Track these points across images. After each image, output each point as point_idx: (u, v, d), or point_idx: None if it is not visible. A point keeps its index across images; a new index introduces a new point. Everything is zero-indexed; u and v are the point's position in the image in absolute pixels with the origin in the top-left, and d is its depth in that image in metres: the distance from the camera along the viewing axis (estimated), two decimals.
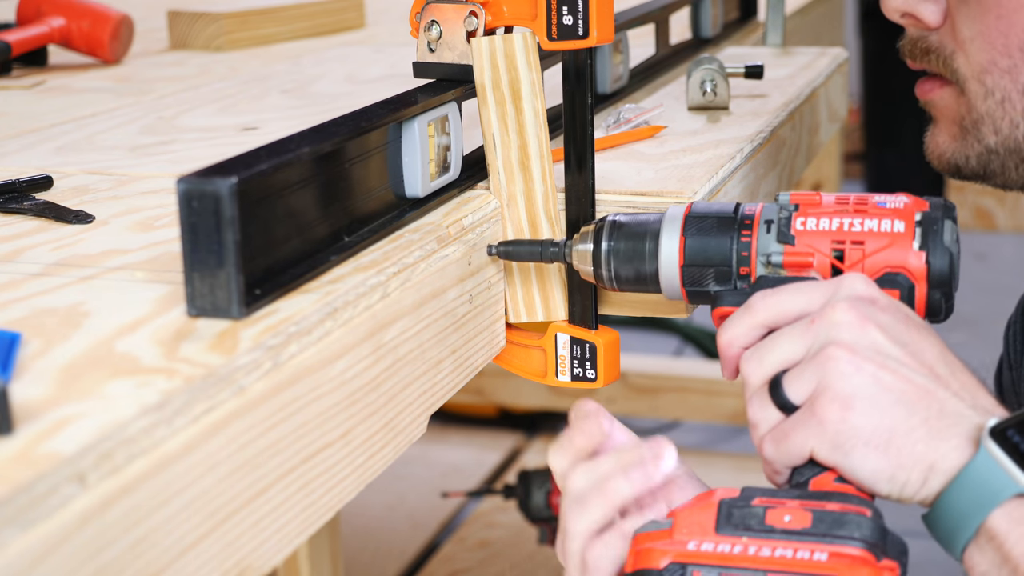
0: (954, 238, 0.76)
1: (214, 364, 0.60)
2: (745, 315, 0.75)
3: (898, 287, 0.75)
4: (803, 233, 0.77)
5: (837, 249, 0.76)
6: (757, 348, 0.74)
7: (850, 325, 0.70)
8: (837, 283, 0.73)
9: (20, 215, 0.86)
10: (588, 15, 0.83)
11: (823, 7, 1.98)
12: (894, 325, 0.71)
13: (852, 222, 0.76)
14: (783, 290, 0.75)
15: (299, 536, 0.66)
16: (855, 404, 0.69)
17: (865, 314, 0.71)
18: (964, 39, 0.88)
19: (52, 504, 0.50)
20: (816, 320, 0.72)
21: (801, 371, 0.71)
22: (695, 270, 0.79)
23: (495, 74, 0.85)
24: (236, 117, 1.18)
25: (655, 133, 1.05)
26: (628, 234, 0.81)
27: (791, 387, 0.72)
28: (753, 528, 0.67)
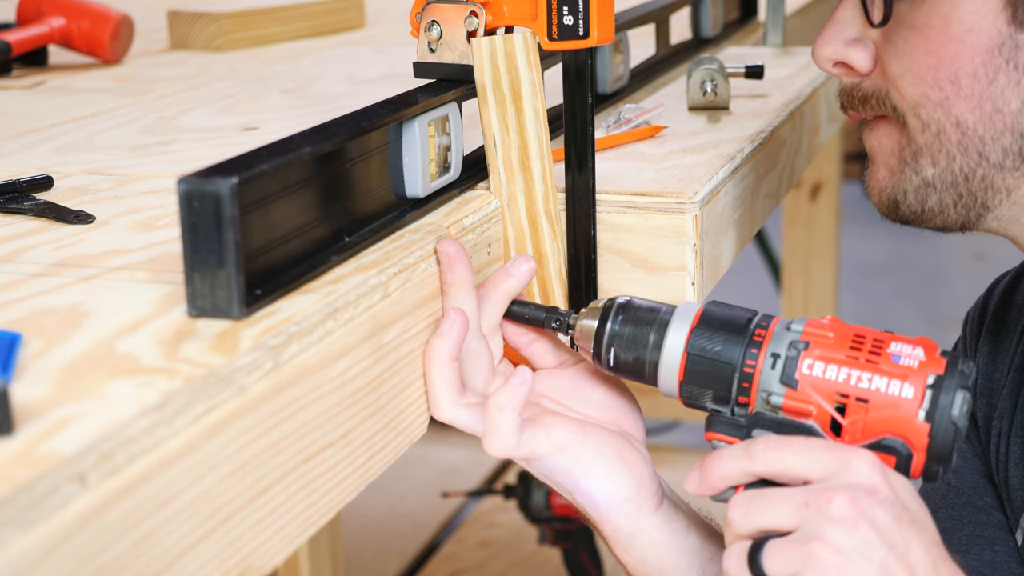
0: (964, 411, 0.73)
1: (215, 364, 0.60)
2: (744, 459, 0.74)
3: (896, 455, 0.73)
4: (808, 378, 0.74)
5: (840, 403, 0.74)
6: (748, 499, 0.73)
7: (843, 523, 0.70)
8: (846, 461, 0.72)
9: (20, 215, 0.86)
10: (588, 15, 0.83)
11: (823, 7, 1.98)
12: (888, 524, 0.70)
13: (860, 376, 0.73)
14: (789, 447, 0.73)
15: (300, 536, 0.66)
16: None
17: (862, 510, 0.70)
18: (895, 77, 0.87)
19: (53, 504, 0.49)
20: (812, 505, 0.71)
21: (784, 550, 0.71)
22: (693, 388, 0.77)
23: (495, 74, 0.85)
24: (236, 117, 1.18)
25: (655, 133, 1.05)
26: (635, 320, 0.79)
27: (771, 562, 0.71)
28: None
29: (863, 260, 3.86)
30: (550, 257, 0.88)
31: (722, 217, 0.95)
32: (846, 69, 0.91)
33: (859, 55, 0.90)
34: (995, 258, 4.01)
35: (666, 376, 0.78)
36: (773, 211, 1.16)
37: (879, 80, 0.89)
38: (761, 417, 0.75)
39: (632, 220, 0.89)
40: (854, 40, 0.90)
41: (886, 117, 0.90)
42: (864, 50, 0.89)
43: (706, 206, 0.90)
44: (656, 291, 0.89)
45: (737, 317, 0.77)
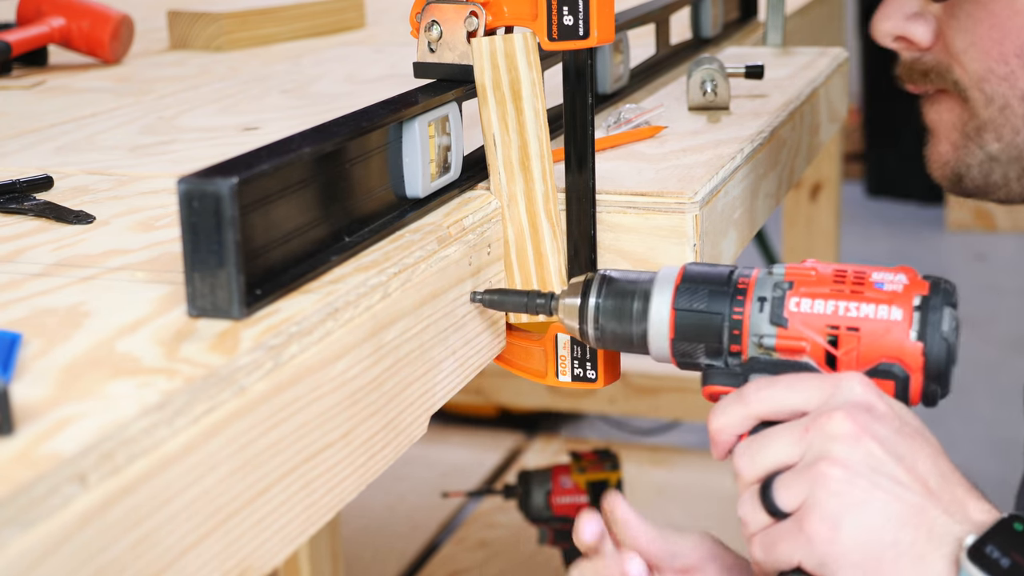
0: (953, 326, 0.73)
1: (215, 364, 0.60)
2: (738, 405, 0.74)
3: (893, 378, 0.73)
4: (796, 315, 0.75)
5: (831, 335, 0.74)
6: (749, 444, 0.73)
7: (845, 438, 0.70)
8: (836, 383, 0.72)
9: (20, 215, 0.86)
10: (588, 15, 0.83)
11: (823, 7, 1.98)
12: (890, 437, 0.70)
13: (848, 306, 0.74)
14: (778, 383, 0.73)
15: (300, 536, 0.66)
16: (844, 525, 0.69)
17: (862, 425, 0.70)
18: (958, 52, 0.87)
19: (53, 504, 0.49)
20: (811, 428, 0.71)
21: (793, 480, 0.71)
22: (685, 344, 0.77)
23: (495, 74, 0.85)
24: (236, 117, 1.18)
25: (655, 133, 1.05)
26: (617, 291, 0.80)
27: (781, 494, 0.71)
28: None
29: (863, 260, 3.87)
30: (550, 257, 0.88)
31: (722, 217, 0.95)
32: (906, 43, 0.92)
33: (920, 29, 0.90)
34: (995, 258, 4.01)
35: (656, 339, 0.78)
36: (773, 211, 1.16)
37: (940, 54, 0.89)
38: (756, 361, 0.76)
39: (632, 220, 0.89)
40: (914, 14, 0.90)
41: (947, 91, 0.90)
42: (925, 24, 0.89)
43: (706, 206, 0.90)
44: None
45: (719, 271, 0.78)
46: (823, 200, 2.31)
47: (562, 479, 1.89)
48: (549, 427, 2.77)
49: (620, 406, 2.58)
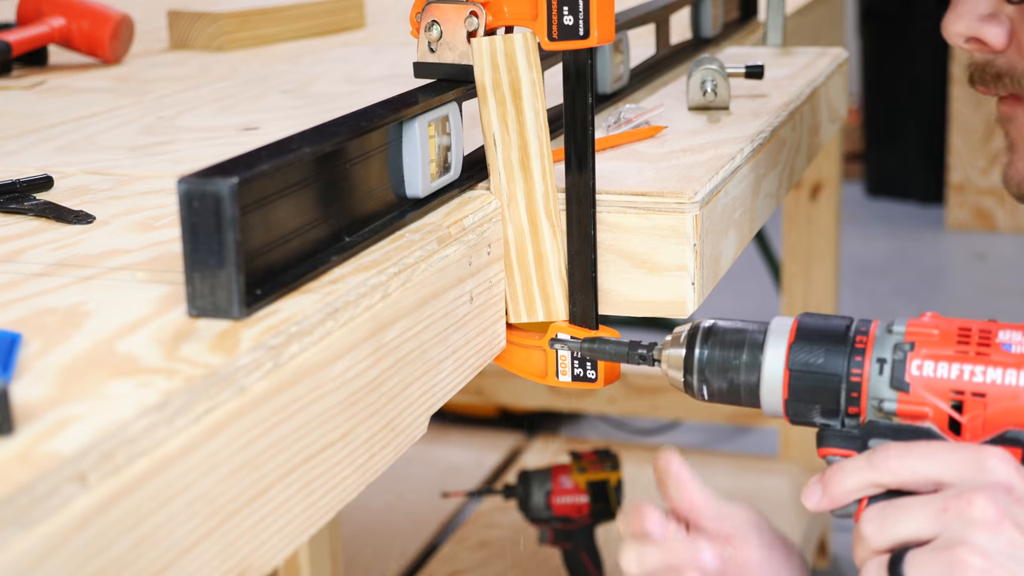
0: None
1: (215, 364, 0.60)
2: (868, 470, 0.72)
3: (1021, 446, 0.71)
4: (919, 379, 0.72)
5: (956, 400, 0.72)
6: (882, 511, 0.71)
7: (987, 525, 0.67)
8: (977, 459, 0.69)
9: (20, 215, 0.86)
10: (589, 15, 0.83)
11: (823, 7, 1.98)
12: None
13: (973, 370, 0.71)
14: (912, 453, 0.71)
15: (300, 536, 0.66)
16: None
17: (1004, 510, 0.68)
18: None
19: (53, 504, 0.49)
20: (951, 509, 0.68)
21: (927, 559, 0.68)
22: (800, 405, 0.75)
23: (496, 74, 0.85)
24: (236, 117, 1.18)
25: (655, 133, 1.05)
26: (725, 343, 0.77)
27: (914, 570, 0.68)
28: None
29: (863, 260, 3.86)
30: (550, 257, 0.88)
31: (722, 217, 0.95)
32: (979, 45, 0.90)
33: (994, 31, 0.88)
34: (995, 258, 4.01)
35: (769, 396, 0.76)
36: (773, 211, 1.16)
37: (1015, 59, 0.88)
38: (875, 426, 0.73)
39: (632, 220, 0.89)
40: (988, 16, 0.89)
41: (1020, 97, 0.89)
42: (999, 26, 0.88)
43: (706, 206, 0.90)
44: (656, 291, 0.89)
45: (835, 326, 0.75)
46: (823, 200, 2.31)
47: (562, 479, 1.89)
48: (549, 427, 2.77)
49: (620, 406, 2.58)
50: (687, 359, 0.78)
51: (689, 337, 0.79)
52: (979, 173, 4.24)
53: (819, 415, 0.75)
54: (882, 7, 4.44)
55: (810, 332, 0.75)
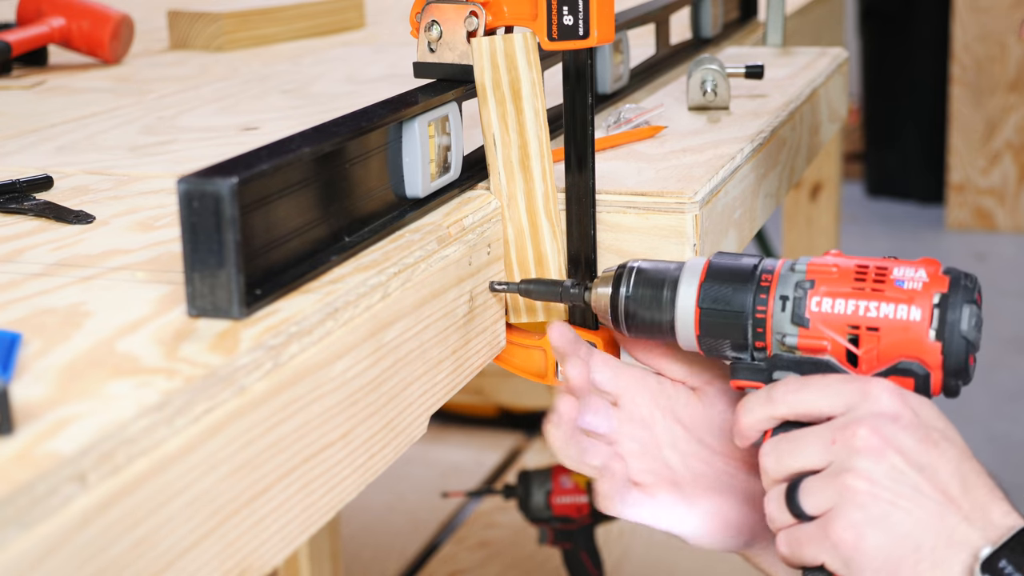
0: (973, 323, 0.74)
1: (214, 364, 0.60)
2: (767, 406, 0.76)
3: (913, 376, 0.74)
4: (818, 315, 0.76)
5: (852, 334, 0.75)
6: (777, 444, 0.76)
7: (870, 452, 0.72)
8: (864, 390, 0.74)
9: (20, 215, 0.86)
10: (588, 15, 0.83)
11: (823, 7, 1.98)
12: (913, 448, 0.72)
13: (868, 306, 0.75)
14: (807, 387, 0.75)
15: (300, 536, 0.66)
16: (867, 535, 0.71)
17: (886, 438, 0.72)
18: None
19: (53, 504, 0.49)
20: (838, 440, 0.73)
21: (818, 487, 0.73)
22: (711, 340, 0.79)
23: (495, 74, 0.85)
24: (236, 117, 1.18)
25: (655, 133, 1.05)
26: (647, 281, 0.81)
27: (807, 499, 0.74)
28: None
29: None
30: (550, 257, 0.88)
31: (722, 217, 0.95)
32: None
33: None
34: (995, 258, 4.01)
35: (684, 332, 0.80)
36: (773, 211, 1.16)
37: None
38: (779, 359, 0.77)
39: (632, 220, 0.89)
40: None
41: None
42: None
43: (706, 206, 0.90)
44: None
45: (743, 265, 0.79)
46: (823, 200, 2.31)
47: (562, 479, 1.89)
48: None
49: None
50: (613, 297, 0.82)
51: (616, 277, 0.82)
52: (979, 173, 4.24)
53: (730, 349, 0.79)
54: (882, 7, 4.44)
55: (720, 272, 0.79)
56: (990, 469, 0.75)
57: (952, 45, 4.17)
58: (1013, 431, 2.90)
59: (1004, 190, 4.22)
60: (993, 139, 4.19)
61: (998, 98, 4.17)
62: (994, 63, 4.16)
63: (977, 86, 4.17)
